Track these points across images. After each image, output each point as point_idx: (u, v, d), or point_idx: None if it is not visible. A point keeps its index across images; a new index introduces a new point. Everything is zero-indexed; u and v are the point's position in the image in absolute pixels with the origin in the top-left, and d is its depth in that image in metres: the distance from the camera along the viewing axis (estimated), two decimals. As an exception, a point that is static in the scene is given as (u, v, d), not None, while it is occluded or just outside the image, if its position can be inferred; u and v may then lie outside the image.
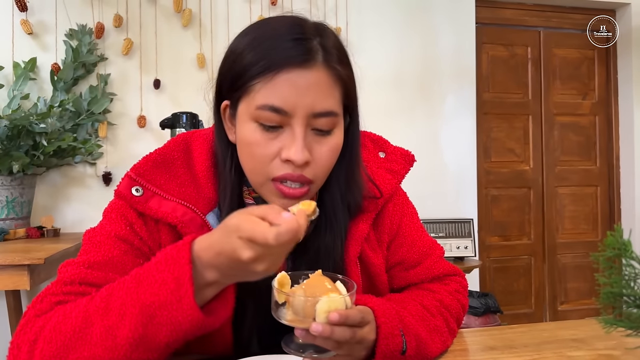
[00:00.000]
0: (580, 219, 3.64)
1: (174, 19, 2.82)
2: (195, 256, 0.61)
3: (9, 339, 2.32)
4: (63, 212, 2.68)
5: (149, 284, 0.60)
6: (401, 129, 3.14)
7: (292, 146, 0.69)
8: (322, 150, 0.72)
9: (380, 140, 0.97)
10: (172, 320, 0.59)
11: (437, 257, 0.94)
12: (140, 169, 0.77)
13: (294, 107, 0.68)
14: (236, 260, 0.58)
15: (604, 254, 0.44)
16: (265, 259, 0.58)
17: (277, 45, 0.69)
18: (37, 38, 2.65)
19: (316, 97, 0.69)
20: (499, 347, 0.86)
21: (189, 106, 2.68)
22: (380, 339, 0.70)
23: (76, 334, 0.61)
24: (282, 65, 0.68)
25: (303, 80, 0.68)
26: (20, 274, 1.84)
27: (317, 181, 0.74)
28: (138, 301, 0.60)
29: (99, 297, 0.63)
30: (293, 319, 0.64)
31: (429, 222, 2.95)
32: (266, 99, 0.68)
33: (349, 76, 0.74)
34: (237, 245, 0.57)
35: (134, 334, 0.60)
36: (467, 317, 2.66)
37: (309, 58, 0.69)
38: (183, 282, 0.59)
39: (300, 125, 0.69)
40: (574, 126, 3.62)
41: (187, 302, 0.59)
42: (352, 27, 3.05)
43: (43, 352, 0.61)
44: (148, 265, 0.63)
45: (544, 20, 3.54)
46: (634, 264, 0.44)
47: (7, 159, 2.24)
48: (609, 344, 0.57)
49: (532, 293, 3.55)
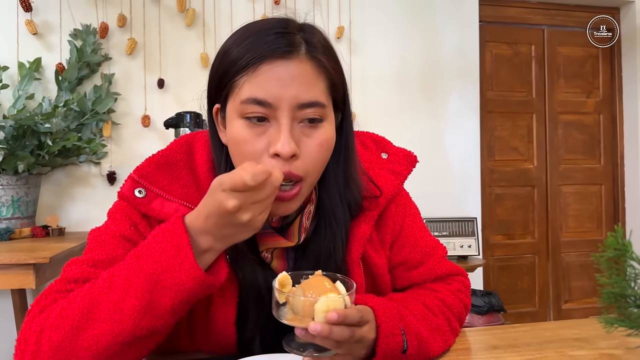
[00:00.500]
0: (584, 217, 3.63)
1: (178, 19, 2.83)
2: (188, 227, 0.65)
3: (14, 337, 2.33)
4: (68, 211, 2.69)
5: (150, 254, 0.64)
6: (404, 127, 3.14)
7: (279, 139, 0.69)
8: (311, 144, 0.71)
9: (382, 141, 0.97)
10: (176, 280, 0.62)
11: (439, 257, 0.94)
12: (143, 171, 0.78)
13: (278, 98, 0.68)
14: (223, 214, 0.62)
15: (605, 255, 0.44)
16: (249, 207, 0.61)
17: (260, 39, 0.70)
18: (41, 38, 2.67)
19: (300, 88, 0.69)
20: (501, 346, 0.86)
21: (192, 105, 2.69)
22: (380, 337, 0.70)
23: (84, 316, 0.63)
24: (264, 58, 0.68)
25: (286, 71, 0.68)
26: (26, 273, 1.85)
27: (308, 178, 0.73)
28: (141, 271, 0.63)
29: (102, 279, 0.66)
30: (293, 318, 0.65)
31: (433, 221, 2.95)
32: (250, 92, 0.69)
33: (334, 68, 0.74)
34: (221, 198, 0.61)
35: (140, 301, 0.62)
36: (471, 316, 2.66)
37: (292, 49, 0.69)
38: (182, 247, 0.63)
39: (285, 118, 0.69)
40: (578, 124, 3.61)
41: (189, 262, 0.62)
42: (355, 25, 3.05)
43: (51, 339, 0.62)
44: (145, 242, 0.66)
45: (548, 18, 3.53)
46: (634, 264, 0.45)
47: (12, 159, 2.26)
48: (612, 344, 0.57)
49: (536, 292, 3.54)
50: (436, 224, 2.95)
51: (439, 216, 3.05)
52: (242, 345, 0.81)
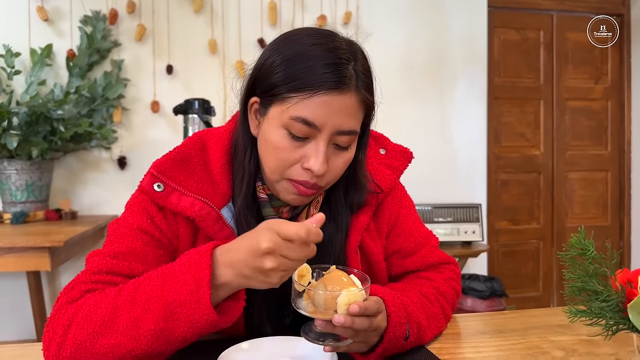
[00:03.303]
0: (590, 203, 3.65)
1: (186, 5, 2.85)
2: (215, 259, 0.68)
3: (30, 316, 2.42)
4: (80, 195, 2.77)
5: (172, 283, 0.67)
6: (412, 113, 3.16)
7: (315, 158, 0.76)
8: (337, 162, 0.80)
9: (381, 137, 1.03)
10: (190, 318, 0.66)
11: (432, 247, 1.00)
12: (162, 167, 0.84)
13: (324, 123, 0.74)
14: (253, 251, 0.64)
15: (569, 253, 0.48)
16: (280, 259, 0.63)
17: (314, 68, 0.74)
18: (52, 24, 2.71)
19: (344, 118, 0.76)
20: (488, 331, 0.91)
21: (201, 92, 2.73)
22: (389, 326, 0.76)
23: (105, 323, 0.68)
24: (319, 89, 0.73)
25: (337, 102, 0.74)
26: (42, 256, 1.93)
27: (327, 186, 0.83)
28: (162, 298, 0.67)
29: (127, 291, 0.70)
30: (314, 311, 0.69)
31: (437, 207, 2.99)
32: (301, 112, 0.74)
33: (372, 101, 0.81)
34: (261, 234, 0.63)
35: (155, 326, 0.66)
36: (473, 300, 2.71)
37: (344, 83, 0.74)
38: (202, 284, 0.65)
39: (324, 140, 0.76)
40: (586, 111, 3.61)
41: (205, 304, 0.65)
42: (363, 11, 3.06)
43: (76, 336, 0.68)
44: (173, 266, 0.70)
45: (557, 3, 3.49)
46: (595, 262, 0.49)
47: (26, 145, 2.32)
48: (593, 331, 0.61)
49: (540, 277, 3.58)
50: (441, 210, 2.99)
51: (444, 202, 3.08)
52: (249, 328, 0.87)
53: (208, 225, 0.81)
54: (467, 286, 2.74)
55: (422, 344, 0.84)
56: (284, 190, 0.81)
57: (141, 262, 0.78)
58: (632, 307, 0.53)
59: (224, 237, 0.81)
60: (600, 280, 0.54)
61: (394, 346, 0.77)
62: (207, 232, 0.82)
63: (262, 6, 2.93)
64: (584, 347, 0.83)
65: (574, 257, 0.49)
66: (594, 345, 0.83)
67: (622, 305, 0.56)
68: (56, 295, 2.29)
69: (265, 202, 0.85)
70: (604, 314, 0.55)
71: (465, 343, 0.87)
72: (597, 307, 0.51)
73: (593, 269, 0.49)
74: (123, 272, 0.77)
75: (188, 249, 0.83)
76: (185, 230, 0.83)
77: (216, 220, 0.82)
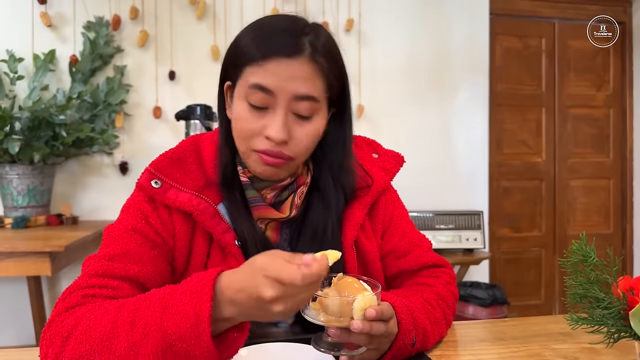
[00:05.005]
0: (592, 211, 3.64)
1: (189, 11, 2.86)
2: (217, 292, 0.65)
3: (30, 321, 2.41)
4: (81, 200, 2.77)
5: (172, 313, 0.64)
6: (413, 118, 3.16)
7: (273, 125, 0.78)
8: (301, 133, 0.81)
9: (374, 143, 1.06)
10: (189, 353, 0.63)
11: (426, 248, 1.01)
12: (159, 165, 0.86)
13: (277, 87, 0.77)
14: (257, 299, 0.61)
15: (570, 260, 0.48)
16: (286, 300, 0.61)
17: (271, 36, 0.78)
18: (56, 30, 2.72)
19: (298, 82, 0.78)
20: (489, 339, 0.91)
21: (203, 98, 2.74)
22: (400, 333, 0.75)
23: (103, 342, 0.66)
24: (273, 54, 0.77)
25: (289, 68, 0.77)
26: (42, 261, 1.93)
27: (297, 158, 0.83)
28: (161, 327, 0.64)
29: (127, 311, 0.68)
30: (328, 319, 0.67)
31: (439, 214, 2.98)
32: (256, 79, 0.78)
33: (331, 70, 0.82)
34: (261, 283, 0.60)
35: (154, 356, 0.64)
36: (475, 308, 2.70)
37: (296, 51, 0.77)
38: (202, 318, 0.62)
39: (282, 107, 0.78)
40: (588, 118, 3.60)
41: (205, 340, 0.62)
42: (365, 16, 3.07)
43: (74, 349, 0.67)
44: (175, 291, 0.67)
45: (559, 11, 3.50)
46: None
47: (28, 150, 2.33)
48: (594, 338, 0.60)
49: (542, 285, 3.56)
50: (442, 217, 2.98)
51: (446, 209, 3.07)
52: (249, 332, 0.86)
53: (206, 219, 0.83)
54: (469, 294, 2.73)
55: (425, 350, 0.83)
56: (254, 163, 0.83)
57: (136, 263, 0.78)
58: (634, 314, 0.53)
59: (221, 232, 0.83)
60: (601, 287, 0.54)
61: (401, 353, 0.77)
62: (205, 226, 0.83)
63: (264, 12, 2.94)
64: (586, 355, 0.82)
65: (576, 264, 0.49)
66: (596, 353, 0.82)
67: (624, 313, 0.56)
68: (56, 300, 2.28)
69: (247, 185, 0.87)
70: (605, 321, 0.55)
71: (466, 350, 0.86)
72: (599, 314, 0.51)
73: (594, 275, 0.49)
74: (119, 274, 0.77)
75: (186, 247, 0.84)
76: (182, 227, 0.84)
77: (213, 215, 0.84)
